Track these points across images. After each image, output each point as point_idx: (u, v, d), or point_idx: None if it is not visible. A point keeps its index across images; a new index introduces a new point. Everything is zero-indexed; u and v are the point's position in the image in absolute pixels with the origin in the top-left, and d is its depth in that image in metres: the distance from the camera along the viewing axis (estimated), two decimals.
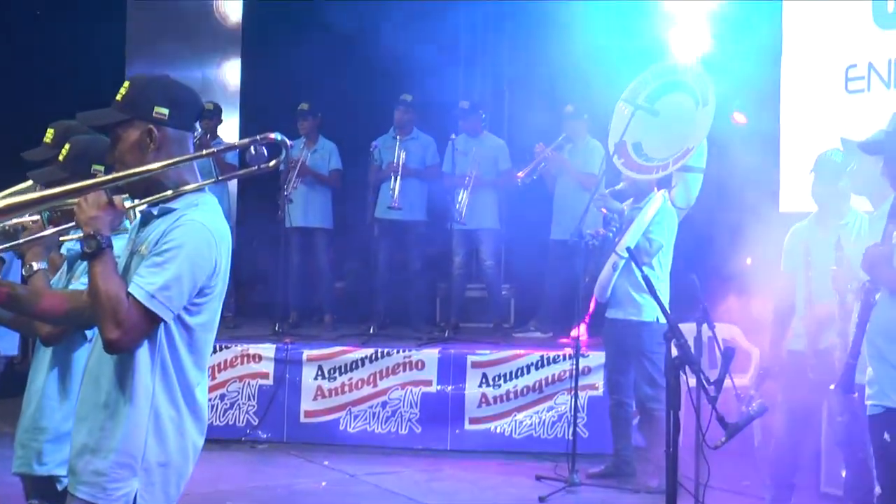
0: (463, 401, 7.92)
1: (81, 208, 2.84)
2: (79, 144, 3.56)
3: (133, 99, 2.95)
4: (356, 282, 10.92)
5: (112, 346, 2.78)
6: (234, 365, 8.18)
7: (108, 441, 2.86)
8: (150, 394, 2.86)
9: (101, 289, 2.77)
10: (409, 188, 9.16)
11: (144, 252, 2.87)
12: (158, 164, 2.89)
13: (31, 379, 3.55)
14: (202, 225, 2.85)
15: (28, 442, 3.49)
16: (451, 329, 8.92)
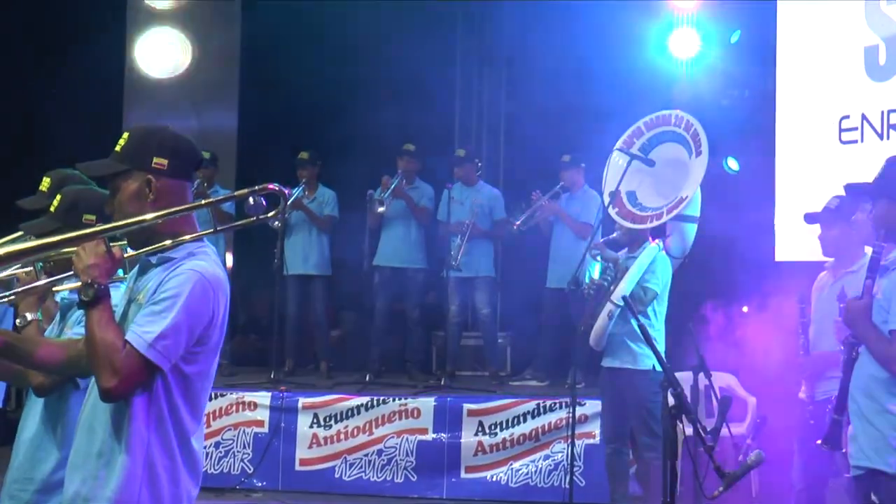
0: (459, 449, 7.88)
1: (79, 257, 2.85)
2: (70, 195, 3.57)
3: (132, 150, 2.98)
4: (352, 329, 10.92)
5: (108, 394, 2.79)
6: (229, 413, 8.14)
7: (102, 490, 2.85)
8: (146, 443, 2.85)
9: (98, 337, 2.78)
10: (411, 236, 9.20)
11: (142, 301, 2.88)
12: (157, 214, 2.92)
13: (21, 428, 3.53)
14: (200, 274, 2.87)
15: (17, 492, 3.46)
16: (447, 377, 8.89)
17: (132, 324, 2.83)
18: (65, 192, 3.60)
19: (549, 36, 9.89)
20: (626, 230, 6.80)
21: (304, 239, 9.32)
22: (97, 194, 3.63)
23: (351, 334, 10.85)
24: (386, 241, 9.29)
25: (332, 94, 10.10)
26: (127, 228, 2.93)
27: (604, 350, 6.59)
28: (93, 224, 3.44)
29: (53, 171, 4.00)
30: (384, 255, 9.30)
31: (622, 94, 8.56)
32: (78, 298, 2.83)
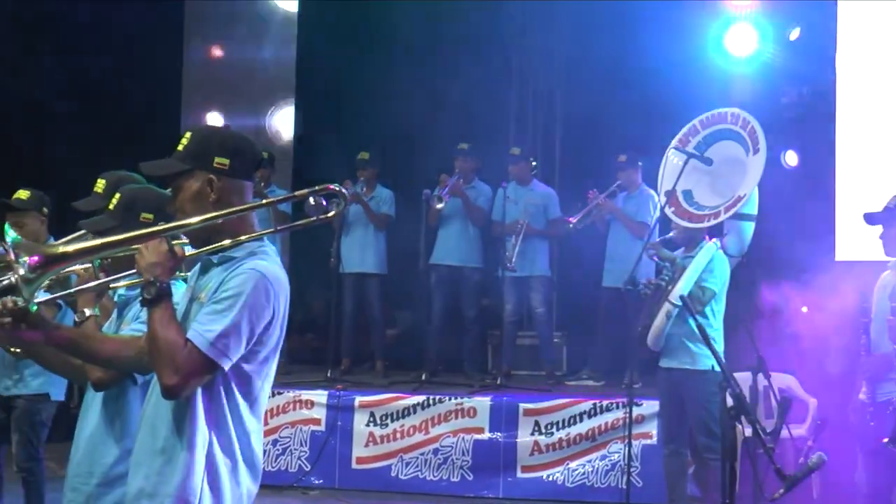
0: (515, 448, 7.87)
1: (142, 255, 2.89)
2: (128, 194, 3.62)
3: (194, 149, 3.00)
4: (408, 328, 10.94)
5: (169, 391, 2.82)
6: (286, 411, 8.21)
7: (164, 486, 2.89)
8: (207, 440, 2.88)
9: (160, 335, 2.81)
10: (468, 235, 9.21)
11: (204, 299, 2.91)
12: (218, 213, 2.94)
13: (81, 423, 3.57)
14: (261, 274, 2.89)
15: (79, 485, 3.51)
16: (503, 376, 8.88)
17: (194, 322, 2.86)
18: (123, 190, 3.64)
19: (605, 34, 9.83)
20: (682, 229, 6.75)
21: (361, 237, 9.37)
22: (155, 193, 3.67)
23: (407, 333, 10.87)
24: (443, 240, 9.31)
25: (388, 93, 10.13)
26: (189, 227, 2.95)
27: (661, 350, 6.55)
28: (150, 223, 3.47)
29: (108, 173, 4.05)
30: (441, 253, 9.31)
31: (678, 92, 8.49)
32: (140, 296, 2.86)
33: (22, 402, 5.88)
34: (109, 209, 3.57)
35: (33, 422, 5.91)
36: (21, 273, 2.82)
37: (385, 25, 10.08)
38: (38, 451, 5.96)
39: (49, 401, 5.94)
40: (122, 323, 3.57)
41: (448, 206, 9.11)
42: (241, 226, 3.00)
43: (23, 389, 5.86)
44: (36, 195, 5.92)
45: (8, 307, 3.00)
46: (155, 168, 3.09)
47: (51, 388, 5.89)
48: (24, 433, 5.90)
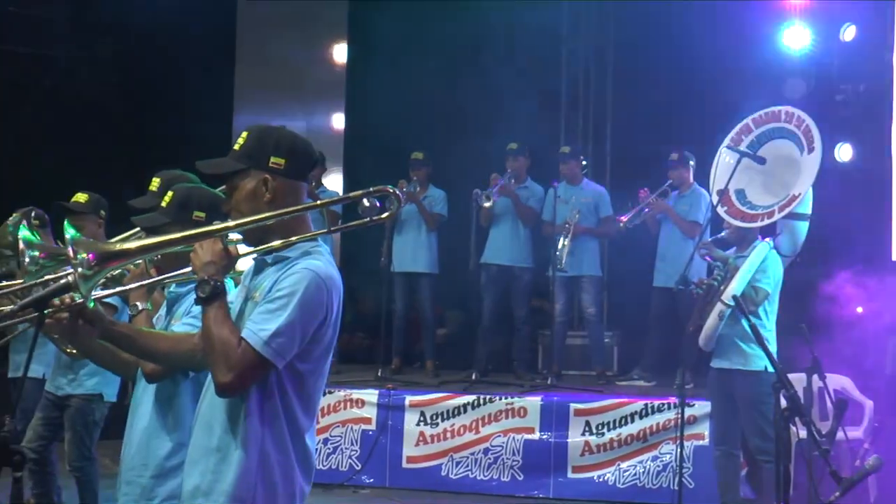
0: (566, 448, 7.86)
1: (197, 254, 2.91)
2: (181, 192, 3.65)
3: (250, 149, 3.02)
4: (458, 328, 10.95)
5: (224, 389, 2.84)
6: (337, 410, 8.25)
7: (219, 484, 2.91)
8: (260, 439, 2.89)
9: (215, 333, 2.83)
10: (519, 235, 9.20)
11: (258, 299, 2.92)
12: (274, 213, 2.95)
13: (133, 418, 3.62)
14: (315, 273, 2.90)
15: (134, 479, 3.55)
16: (554, 376, 8.85)
17: (248, 321, 2.87)
18: (176, 188, 3.68)
19: (656, 31, 9.79)
20: (734, 229, 6.69)
21: (414, 237, 9.38)
22: (207, 192, 3.71)
23: (457, 333, 10.88)
24: (493, 240, 9.29)
25: (439, 93, 10.15)
26: (245, 227, 2.97)
27: (713, 350, 6.50)
28: (202, 221, 3.51)
29: (163, 172, 4.10)
30: (491, 253, 9.29)
31: (731, 90, 8.43)
32: (195, 295, 2.88)
33: (76, 402, 5.94)
34: (162, 206, 3.61)
35: (87, 421, 5.97)
36: (80, 270, 2.86)
37: (435, 24, 10.09)
38: (90, 451, 6.02)
39: (102, 401, 6.00)
40: (172, 319, 3.61)
41: (499, 205, 9.10)
42: (296, 226, 3.01)
43: (77, 389, 5.93)
44: (93, 198, 6.00)
45: (66, 303, 3.05)
46: (211, 167, 3.11)
47: (105, 388, 5.95)
48: (77, 432, 5.96)
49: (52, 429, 6.05)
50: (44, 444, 6.05)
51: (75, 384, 5.92)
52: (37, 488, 6.09)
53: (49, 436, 6.07)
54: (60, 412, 6.01)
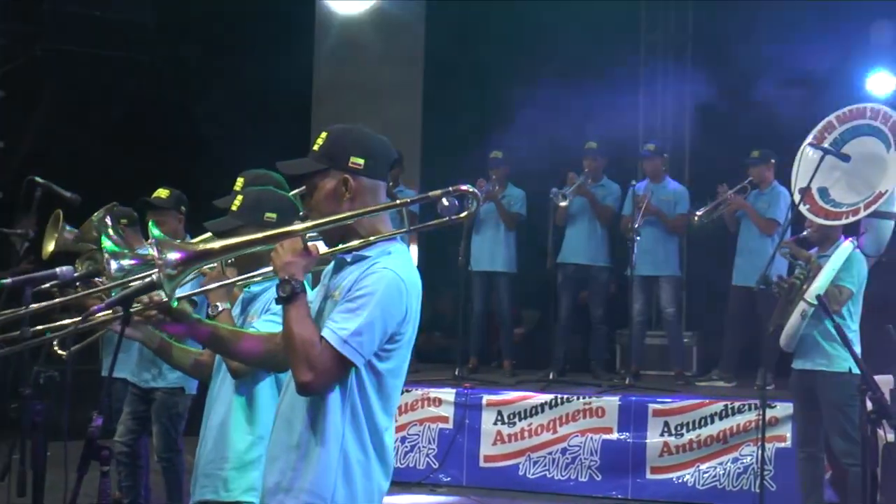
0: (644, 449, 7.79)
1: (278, 253, 2.93)
2: (252, 195, 3.70)
3: (330, 149, 3.04)
4: (535, 327, 10.92)
5: (304, 388, 2.87)
6: (414, 408, 8.28)
7: (299, 481, 2.94)
8: (340, 437, 2.92)
9: (296, 332, 2.85)
10: (596, 234, 9.15)
11: (337, 298, 2.94)
12: (353, 213, 2.97)
13: (209, 413, 3.68)
14: (394, 273, 2.91)
15: (213, 471, 3.62)
16: (632, 376, 8.79)
17: (328, 320, 2.89)
18: (246, 191, 3.73)
19: (735, 26, 9.67)
20: (817, 227, 6.58)
21: (492, 236, 9.38)
22: (277, 194, 3.76)
23: (534, 332, 10.86)
24: (570, 239, 9.26)
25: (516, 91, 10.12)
26: (325, 227, 2.99)
27: (795, 351, 6.39)
28: (274, 222, 3.56)
29: (246, 172, 4.15)
30: (568, 252, 9.26)
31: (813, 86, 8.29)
32: (276, 295, 2.90)
33: (160, 395, 6.11)
34: (233, 210, 3.66)
35: (171, 414, 6.13)
36: (164, 270, 2.91)
37: (512, 23, 10.08)
38: (176, 442, 6.17)
39: (185, 394, 6.15)
40: (247, 317, 3.66)
41: (576, 204, 9.07)
42: (375, 225, 3.03)
43: (161, 383, 6.10)
44: (175, 194, 6.10)
45: (154, 301, 3.11)
46: (291, 167, 3.14)
47: (186, 382, 6.10)
48: (163, 424, 6.13)
49: (141, 422, 6.23)
50: (133, 438, 6.23)
51: (160, 378, 6.08)
52: (126, 481, 6.25)
53: (138, 429, 6.24)
54: (147, 406, 6.17)
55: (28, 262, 8.92)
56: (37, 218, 7.04)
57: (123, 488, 6.29)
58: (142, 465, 6.36)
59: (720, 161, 9.49)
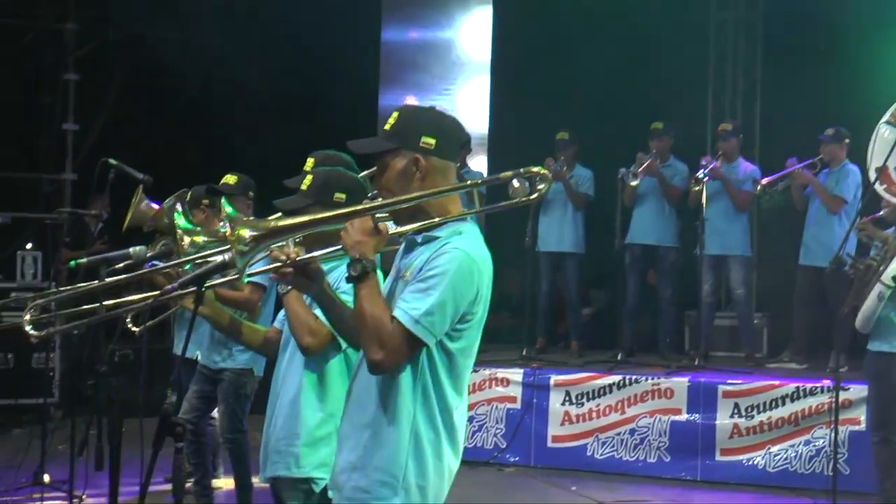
0: (714, 431, 7.71)
1: (348, 233, 2.94)
2: (321, 175, 3.72)
3: (401, 129, 3.03)
4: (603, 308, 10.87)
5: (375, 367, 2.88)
6: (482, 388, 8.29)
7: (370, 459, 2.95)
8: (412, 416, 2.93)
9: (367, 312, 2.86)
10: (664, 214, 9.07)
11: (408, 278, 2.95)
12: (423, 193, 2.97)
13: (281, 389, 3.72)
14: (465, 253, 2.90)
15: (284, 447, 3.67)
16: (701, 357, 8.71)
17: (399, 300, 2.90)
18: (316, 172, 3.75)
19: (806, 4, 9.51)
20: (894, 207, 6.45)
21: (560, 217, 9.34)
22: (346, 174, 3.78)
23: (601, 313, 10.81)
24: (638, 219, 9.19)
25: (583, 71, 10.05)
26: (395, 206, 2.99)
27: (870, 333, 6.28)
28: (343, 202, 3.57)
29: (316, 152, 4.17)
30: (636, 232, 9.19)
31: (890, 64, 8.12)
32: (347, 274, 2.91)
33: (229, 375, 6.17)
34: (303, 189, 3.68)
35: (238, 394, 6.19)
36: (237, 246, 2.94)
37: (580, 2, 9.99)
38: (242, 423, 6.24)
39: (253, 375, 6.21)
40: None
41: (644, 184, 8.99)
42: (446, 205, 3.02)
43: (230, 364, 6.15)
44: (243, 179, 6.15)
45: (291, 257, 3.15)
46: (362, 146, 3.14)
47: (255, 364, 6.16)
48: (230, 405, 6.18)
49: (206, 401, 6.30)
50: (198, 416, 6.31)
51: (229, 359, 6.14)
52: (193, 458, 6.35)
53: (203, 408, 6.32)
54: (213, 386, 6.24)
55: (102, 242, 9.12)
56: (110, 199, 7.17)
57: (192, 465, 6.39)
58: (206, 442, 6.44)
59: (790, 141, 9.33)
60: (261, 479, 3.81)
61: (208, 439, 6.50)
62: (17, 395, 9.12)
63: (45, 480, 6.81)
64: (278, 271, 3.19)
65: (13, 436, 8.77)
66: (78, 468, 6.13)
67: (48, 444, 7.04)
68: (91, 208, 8.92)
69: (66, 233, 8.95)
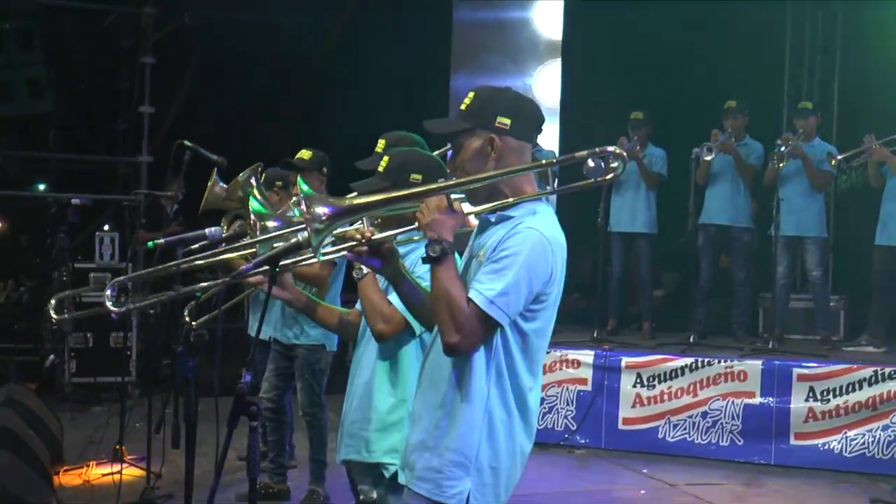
0: (788, 414, 7.61)
1: (423, 213, 2.94)
2: (397, 156, 3.72)
3: (477, 109, 3.03)
4: (675, 289, 10.78)
5: (451, 349, 2.87)
6: (553, 370, 8.26)
7: (443, 440, 2.96)
8: (485, 397, 2.93)
9: (443, 293, 2.86)
10: (739, 194, 8.95)
11: (482, 258, 2.94)
12: (499, 172, 2.96)
13: (356, 372, 3.74)
14: (539, 233, 2.89)
15: (357, 431, 3.68)
16: (776, 340, 8.58)
17: (474, 281, 2.89)
18: (392, 153, 3.75)
19: None
20: None
21: (632, 197, 9.26)
22: (424, 155, 3.77)
23: (673, 294, 10.72)
24: (712, 199, 9.06)
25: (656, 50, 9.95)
26: (470, 185, 2.99)
27: None
28: (419, 183, 3.55)
29: (388, 133, 4.18)
30: (710, 213, 9.07)
31: None
32: (425, 254, 2.91)
33: (302, 351, 6.27)
34: (379, 171, 3.68)
35: (314, 369, 6.28)
36: (312, 224, 2.95)
37: None
38: (319, 398, 6.33)
39: (326, 350, 6.29)
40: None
41: (718, 164, 8.88)
42: (521, 185, 3.01)
43: (303, 339, 6.26)
44: (317, 155, 6.20)
45: (366, 236, 3.16)
46: (438, 126, 3.14)
47: (327, 339, 6.25)
48: (307, 380, 6.28)
49: (284, 378, 6.40)
50: (278, 394, 6.42)
51: (302, 335, 6.22)
52: (272, 435, 6.45)
53: (282, 385, 6.42)
54: (290, 362, 6.34)
55: (177, 223, 9.25)
56: (185, 181, 7.27)
57: (269, 443, 6.49)
58: (286, 420, 6.55)
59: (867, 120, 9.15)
60: (337, 460, 3.84)
61: (288, 418, 6.59)
62: (95, 374, 9.34)
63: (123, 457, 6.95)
64: (353, 250, 3.19)
65: (93, 413, 8.95)
66: (154, 445, 6.26)
67: (126, 421, 7.18)
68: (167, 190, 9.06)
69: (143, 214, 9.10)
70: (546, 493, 6.82)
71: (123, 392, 7.72)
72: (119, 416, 7.14)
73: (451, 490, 2.93)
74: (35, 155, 13.40)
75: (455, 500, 2.93)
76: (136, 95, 10.86)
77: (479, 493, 2.93)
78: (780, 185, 8.54)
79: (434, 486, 2.95)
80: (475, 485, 2.93)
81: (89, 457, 7.18)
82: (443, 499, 2.94)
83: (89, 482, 6.65)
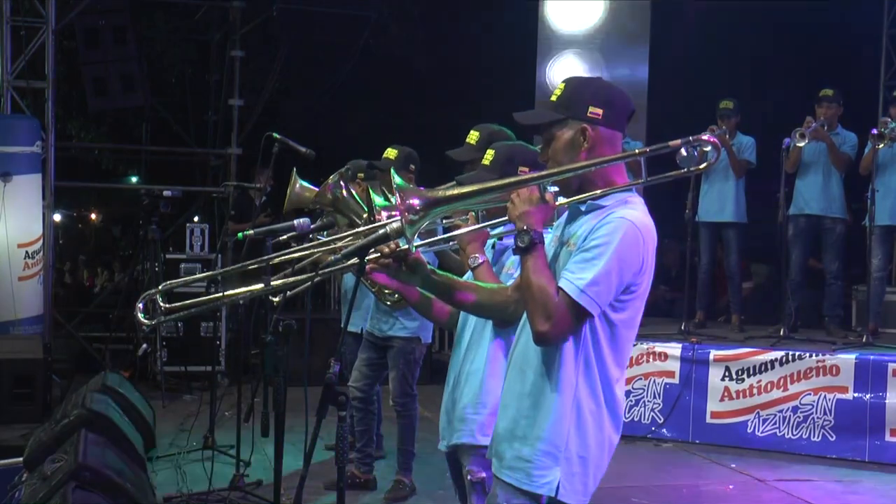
0: (884, 410, 7.43)
1: (514, 204, 2.94)
2: (504, 149, 3.73)
3: (568, 99, 3.02)
4: (764, 281, 10.61)
5: (541, 338, 2.87)
6: (640, 362, 8.20)
7: (533, 429, 2.96)
8: (574, 386, 2.91)
9: (534, 282, 2.86)
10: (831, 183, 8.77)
11: (572, 247, 2.93)
12: (591, 162, 2.95)
13: (465, 358, 3.75)
14: (631, 223, 2.87)
15: (471, 416, 3.70)
16: (870, 334, 8.39)
17: (564, 270, 2.88)
18: (498, 146, 3.75)
19: None
20: None
21: (720, 186, 9.11)
22: (529, 149, 3.77)
23: (763, 286, 10.56)
24: (802, 189, 8.89)
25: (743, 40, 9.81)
26: (562, 176, 2.97)
27: None
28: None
29: (481, 126, 4.18)
30: (800, 203, 8.90)
31: None
32: (514, 244, 2.91)
33: (397, 343, 6.32)
34: (485, 164, 3.69)
35: (408, 360, 6.35)
36: (407, 216, 2.97)
37: None
38: (412, 388, 6.38)
39: (421, 343, 6.33)
40: (501, 269, 3.71)
41: (809, 152, 8.71)
42: (613, 175, 3.00)
43: (398, 331, 6.29)
44: (403, 152, 6.21)
45: (392, 249, 3.19)
46: (529, 117, 3.13)
47: (423, 331, 6.30)
48: (400, 370, 6.33)
49: (375, 369, 6.46)
50: (368, 384, 6.48)
51: (397, 327, 6.27)
52: (360, 425, 6.51)
53: (373, 375, 6.48)
54: (381, 354, 6.39)
55: (265, 214, 9.38)
56: (273, 173, 7.35)
57: (357, 433, 6.54)
58: (374, 411, 6.60)
59: None
60: (441, 447, 3.85)
61: (376, 408, 6.65)
62: (186, 363, 9.52)
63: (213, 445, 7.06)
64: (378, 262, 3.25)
65: (183, 401, 9.12)
66: (244, 434, 6.35)
67: (216, 409, 7.29)
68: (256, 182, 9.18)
69: (232, 206, 9.24)
70: (632, 487, 6.76)
71: (213, 381, 7.85)
72: (209, 404, 7.27)
73: (541, 479, 2.93)
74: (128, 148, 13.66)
75: (545, 490, 2.92)
76: (226, 88, 11.03)
77: (569, 483, 2.92)
78: (876, 173, 8.35)
79: (524, 475, 2.95)
80: (564, 474, 2.92)
81: (180, 444, 7.32)
82: (533, 488, 2.94)
83: (181, 469, 6.78)
